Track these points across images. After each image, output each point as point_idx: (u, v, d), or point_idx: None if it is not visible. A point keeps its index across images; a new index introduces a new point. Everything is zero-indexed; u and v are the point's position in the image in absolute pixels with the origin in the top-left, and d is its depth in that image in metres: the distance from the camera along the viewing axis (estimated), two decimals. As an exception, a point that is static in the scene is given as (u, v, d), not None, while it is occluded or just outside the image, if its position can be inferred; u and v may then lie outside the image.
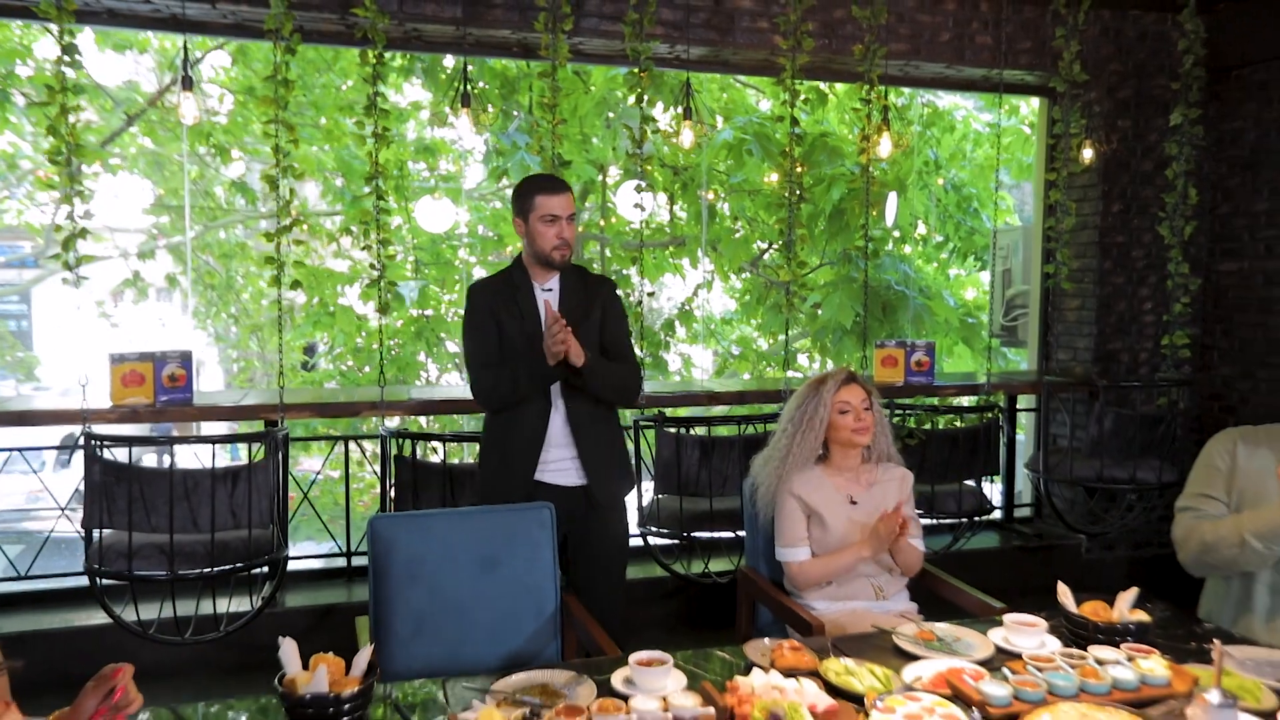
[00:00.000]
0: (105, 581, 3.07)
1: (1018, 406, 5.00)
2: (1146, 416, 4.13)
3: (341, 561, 4.04)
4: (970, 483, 3.94)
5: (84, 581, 3.58)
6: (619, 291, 2.78)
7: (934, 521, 4.22)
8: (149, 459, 4.89)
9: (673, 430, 3.59)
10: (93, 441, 2.98)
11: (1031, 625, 1.98)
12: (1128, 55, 4.56)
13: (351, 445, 4.23)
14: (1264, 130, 4.40)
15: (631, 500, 3.06)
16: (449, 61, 6.24)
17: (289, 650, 1.67)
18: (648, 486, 3.78)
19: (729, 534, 3.59)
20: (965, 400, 5.17)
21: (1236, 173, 4.56)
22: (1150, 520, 4.49)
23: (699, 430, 3.66)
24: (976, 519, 3.95)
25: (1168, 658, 1.80)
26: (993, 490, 4.71)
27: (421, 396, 3.73)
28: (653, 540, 3.72)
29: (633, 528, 3.12)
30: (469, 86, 3.60)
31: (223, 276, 10.15)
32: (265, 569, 3.49)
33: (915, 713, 1.60)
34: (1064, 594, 2.04)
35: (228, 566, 3.01)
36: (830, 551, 2.52)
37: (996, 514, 4.97)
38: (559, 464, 2.63)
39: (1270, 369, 4.43)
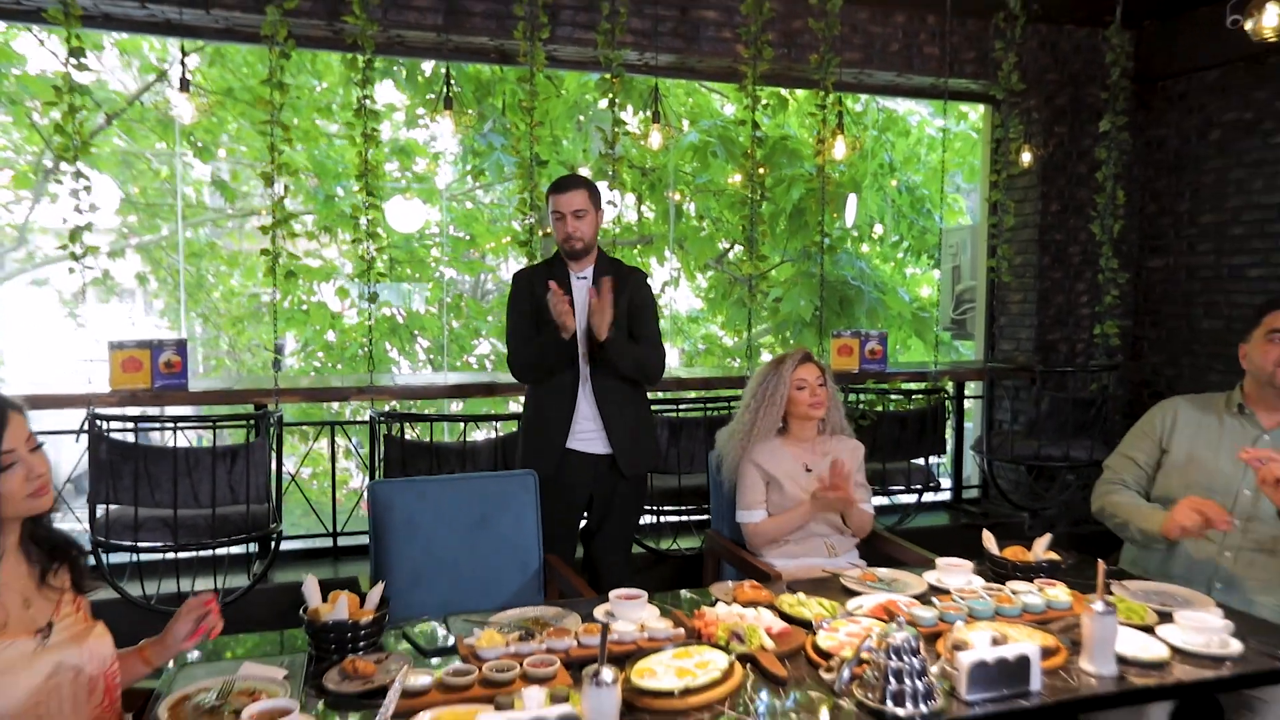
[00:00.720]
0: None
1: (965, 394, 5.33)
2: (1079, 400, 4.47)
3: (327, 542, 4.23)
4: (919, 461, 4.25)
5: (80, 560, 3.76)
6: (649, 281, 3.10)
7: (887, 501, 4.53)
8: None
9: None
10: (99, 422, 3.16)
11: (960, 566, 2.26)
12: (1063, 66, 4.92)
13: (331, 439, 4.43)
14: (1185, 137, 4.78)
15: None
16: (426, 65, 6.44)
17: (311, 586, 1.90)
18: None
19: (694, 508, 3.85)
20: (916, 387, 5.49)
21: (1162, 175, 4.93)
22: (1087, 498, 4.82)
23: (669, 413, 3.91)
24: (925, 494, 4.25)
25: (1073, 590, 2.09)
26: (944, 476, 5.02)
27: (405, 383, 3.94)
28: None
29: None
30: (448, 92, 3.82)
31: (192, 275, 10.23)
32: (256, 547, 3.70)
33: (855, 631, 1.87)
34: (988, 540, 2.34)
35: (228, 538, 3.21)
36: (782, 512, 2.79)
37: (946, 495, 5.30)
38: (587, 434, 2.92)
39: (1193, 357, 4.80)
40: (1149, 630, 1.90)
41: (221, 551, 3.50)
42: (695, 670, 1.67)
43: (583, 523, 3.10)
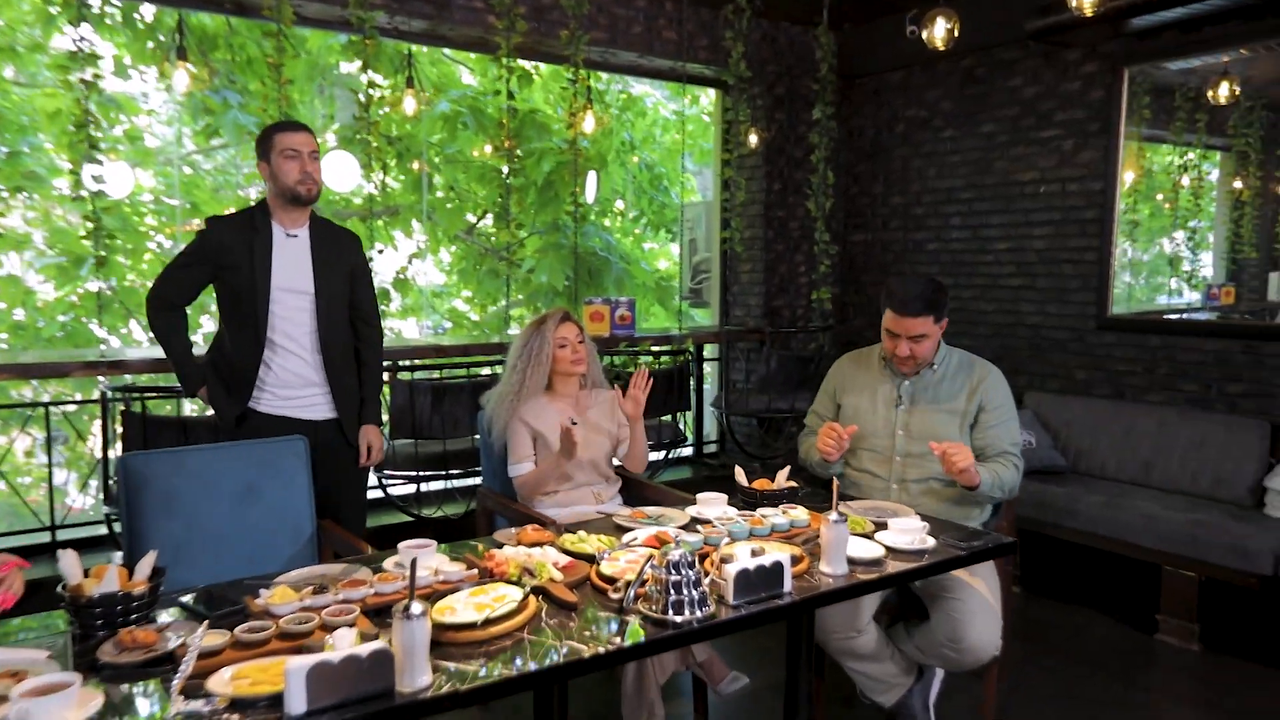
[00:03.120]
0: None
1: (705, 356, 5.80)
2: (801, 357, 5.04)
3: (45, 537, 3.80)
4: (667, 418, 4.59)
5: None
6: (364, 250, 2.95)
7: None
8: None
9: (406, 377, 3.84)
10: None
11: (716, 499, 2.54)
12: (781, 59, 5.46)
13: (46, 421, 3.97)
14: (879, 128, 5.51)
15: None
16: (145, 10, 5.81)
17: (70, 560, 1.77)
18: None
19: (460, 472, 3.91)
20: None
21: (862, 161, 5.65)
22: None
23: (430, 375, 3.93)
24: (674, 449, 4.61)
25: (810, 509, 2.44)
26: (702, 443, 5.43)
27: (144, 356, 3.63)
28: (390, 488, 3.94)
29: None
30: (182, 41, 3.54)
31: None
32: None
33: (634, 559, 2.06)
34: (739, 474, 2.64)
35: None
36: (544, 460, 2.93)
37: (689, 450, 5.75)
38: (310, 399, 2.80)
39: (889, 319, 5.57)
40: (869, 536, 2.27)
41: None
42: (493, 604, 1.78)
43: None
